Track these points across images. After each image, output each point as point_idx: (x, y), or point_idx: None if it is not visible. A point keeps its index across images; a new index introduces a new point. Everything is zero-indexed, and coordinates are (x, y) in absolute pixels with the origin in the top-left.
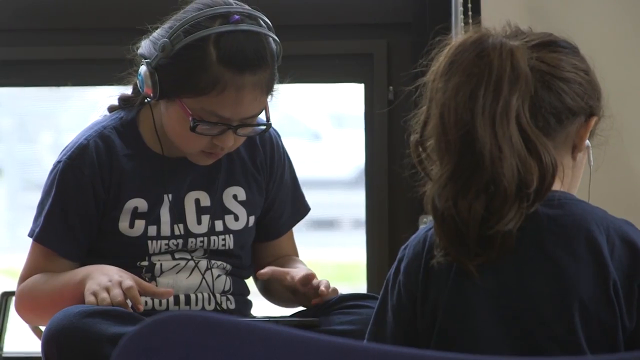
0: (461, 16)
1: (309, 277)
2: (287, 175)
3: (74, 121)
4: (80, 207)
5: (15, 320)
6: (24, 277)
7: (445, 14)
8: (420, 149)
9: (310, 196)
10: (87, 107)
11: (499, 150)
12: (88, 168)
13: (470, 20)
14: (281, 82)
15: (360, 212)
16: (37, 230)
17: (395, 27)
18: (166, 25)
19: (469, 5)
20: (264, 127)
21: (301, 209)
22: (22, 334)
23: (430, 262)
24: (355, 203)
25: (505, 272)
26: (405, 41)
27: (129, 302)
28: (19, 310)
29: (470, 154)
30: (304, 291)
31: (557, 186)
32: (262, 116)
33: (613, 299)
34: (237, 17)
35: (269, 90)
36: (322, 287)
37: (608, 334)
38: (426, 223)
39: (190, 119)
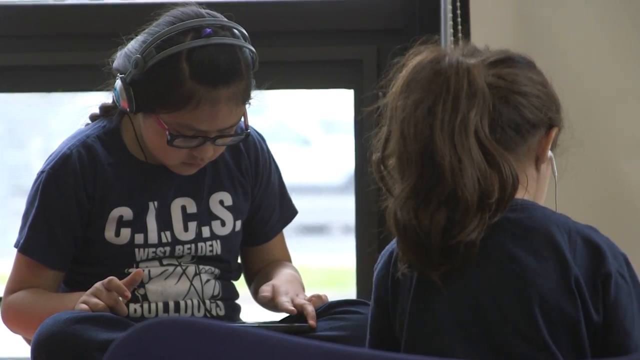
0: (450, 22)
1: (296, 306)
2: (274, 179)
3: (64, 127)
4: (64, 217)
5: (4, 326)
6: (10, 290)
7: (434, 21)
8: (382, 167)
9: (300, 201)
10: (77, 112)
11: (459, 162)
12: (71, 178)
13: (460, 27)
14: (270, 87)
15: (350, 218)
16: (21, 241)
17: (385, 34)
18: (140, 39)
19: (458, 11)
20: (242, 136)
21: (289, 212)
22: (12, 339)
23: (396, 273)
24: (344, 208)
25: (467, 274)
26: (395, 47)
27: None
28: (5, 322)
29: (431, 167)
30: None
31: (521, 195)
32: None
33: (575, 294)
34: (209, 30)
35: (245, 99)
36: (311, 319)
37: (571, 326)
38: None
39: (167, 133)
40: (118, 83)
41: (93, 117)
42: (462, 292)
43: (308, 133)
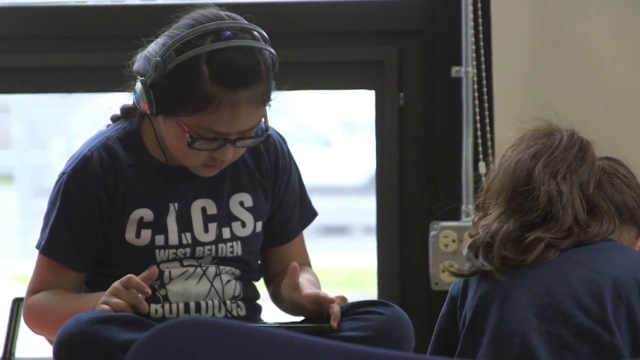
0: (471, 23)
1: (320, 300)
2: (294, 180)
3: (85, 127)
4: (85, 219)
5: (26, 326)
6: (32, 291)
7: (455, 21)
8: (483, 195)
9: (321, 202)
10: (98, 113)
11: (559, 193)
12: (92, 179)
13: (481, 28)
14: (291, 88)
15: (371, 218)
16: (43, 242)
17: (405, 34)
18: (160, 41)
19: (479, 12)
20: (262, 137)
21: (308, 214)
22: (34, 339)
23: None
24: (365, 209)
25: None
26: (415, 48)
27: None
28: (27, 323)
29: (522, 196)
30: (313, 308)
31: None
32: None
33: None
34: (228, 33)
35: (265, 101)
36: (334, 320)
37: (633, 320)
38: (436, 229)
39: (187, 136)
40: (138, 86)
41: (114, 119)
42: (534, 275)
43: (329, 134)
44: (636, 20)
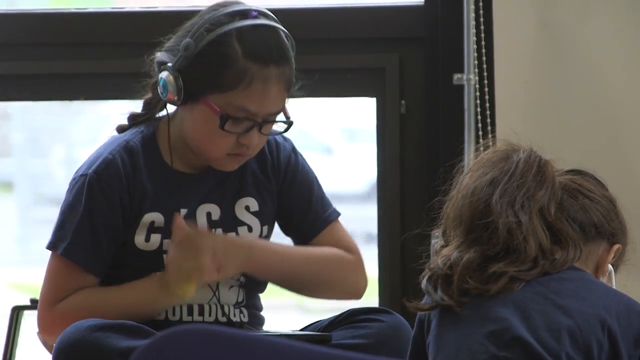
0: (473, 30)
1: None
2: (304, 174)
3: (85, 135)
4: (109, 223)
5: (26, 335)
6: (55, 298)
7: (457, 28)
8: (443, 227)
9: None
10: (99, 121)
11: (518, 223)
12: (116, 182)
13: (483, 35)
14: (292, 95)
15: (372, 226)
16: (64, 245)
17: (407, 42)
18: (181, 33)
19: (481, 19)
20: (285, 125)
21: (331, 209)
22: (33, 347)
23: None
24: (367, 217)
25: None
26: (417, 55)
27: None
28: (57, 331)
29: (482, 227)
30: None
31: None
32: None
33: (603, 337)
34: (255, 13)
35: (290, 86)
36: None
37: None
38: (438, 237)
39: (218, 115)
40: (164, 74)
41: (120, 129)
42: (494, 304)
43: (330, 141)
44: (639, 27)
